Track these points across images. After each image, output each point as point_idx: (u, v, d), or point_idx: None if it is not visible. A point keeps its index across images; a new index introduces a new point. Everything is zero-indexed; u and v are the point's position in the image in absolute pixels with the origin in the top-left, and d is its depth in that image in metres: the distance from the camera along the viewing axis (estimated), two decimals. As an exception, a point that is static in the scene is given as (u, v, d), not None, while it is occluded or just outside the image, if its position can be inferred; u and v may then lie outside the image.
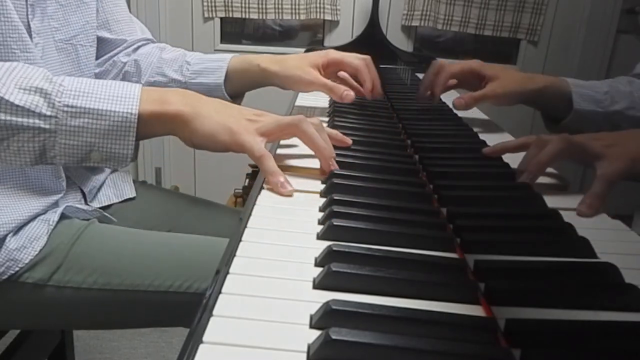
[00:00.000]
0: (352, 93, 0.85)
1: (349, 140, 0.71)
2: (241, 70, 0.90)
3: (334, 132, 0.71)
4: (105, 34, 0.93)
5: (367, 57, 0.92)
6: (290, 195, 0.59)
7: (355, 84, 0.93)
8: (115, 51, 0.95)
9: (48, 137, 0.60)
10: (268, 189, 0.60)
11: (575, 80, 0.94)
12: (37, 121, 0.59)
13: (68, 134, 0.60)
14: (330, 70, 0.91)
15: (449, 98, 1.02)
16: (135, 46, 0.97)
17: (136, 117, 0.61)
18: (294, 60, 0.89)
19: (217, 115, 0.64)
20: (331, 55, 0.90)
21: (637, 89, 0.94)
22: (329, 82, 0.87)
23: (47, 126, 0.59)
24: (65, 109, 0.60)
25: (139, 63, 0.94)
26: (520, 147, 0.72)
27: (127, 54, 0.96)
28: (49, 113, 0.59)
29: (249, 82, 0.92)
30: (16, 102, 0.58)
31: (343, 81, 0.93)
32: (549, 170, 0.72)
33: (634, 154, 0.62)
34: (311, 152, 0.65)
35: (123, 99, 0.61)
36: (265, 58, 0.90)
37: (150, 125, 0.63)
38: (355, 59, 0.91)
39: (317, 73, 0.88)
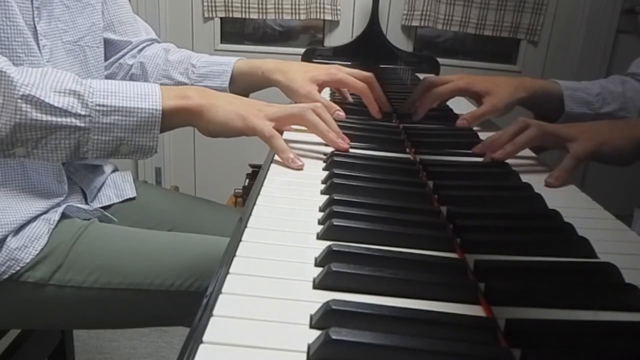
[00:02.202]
0: (342, 113, 0.85)
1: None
2: (245, 74, 0.93)
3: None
4: (110, 36, 0.93)
5: (371, 75, 0.92)
6: (300, 169, 0.67)
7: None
8: (121, 53, 0.96)
9: (82, 134, 0.65)
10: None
11: (567, 83, 0.95)
12: (73, 120, 0.64)
13: (100, 130, 0.66)
14: (332, 87, 0.91)
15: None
16: (140, 47, 0.97)
17: (160, 112, 0.67)
18: (297, 72, 0.90)
19: (230, 105, 0.71)
20: (336, 77, 0.91)
21: (629, 89, 0.94)
22: (322, 100, 0.87)
23: (82, 124, 0.65)
24: (98, 108, 0.65)
25: (145, 65, 0.95)
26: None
27: (133, 55, 0.96)
28: (83, 112, 0.65)
29: (252, 86, 0.94)
30: (55, 104, 0.63)
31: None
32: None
33: (602, 138, 0.72)
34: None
35: (147, 96, 0.67)
36: (270, 64, 0.91)
37: (172, 119, 0.69)
38: (358, 82, 0.90)
39: (314, 88, 0.88)
